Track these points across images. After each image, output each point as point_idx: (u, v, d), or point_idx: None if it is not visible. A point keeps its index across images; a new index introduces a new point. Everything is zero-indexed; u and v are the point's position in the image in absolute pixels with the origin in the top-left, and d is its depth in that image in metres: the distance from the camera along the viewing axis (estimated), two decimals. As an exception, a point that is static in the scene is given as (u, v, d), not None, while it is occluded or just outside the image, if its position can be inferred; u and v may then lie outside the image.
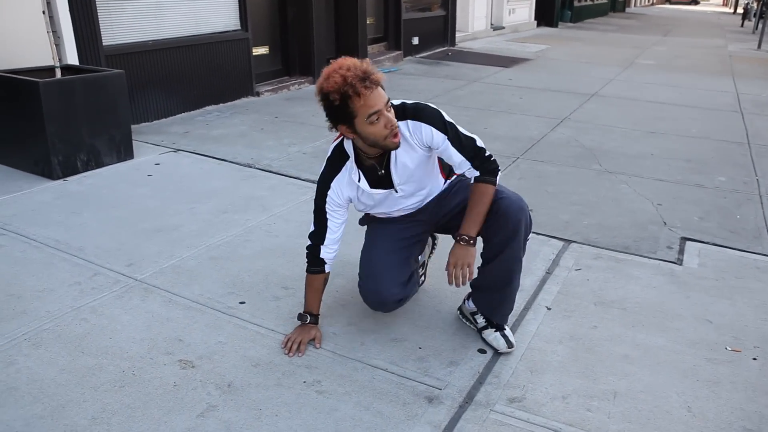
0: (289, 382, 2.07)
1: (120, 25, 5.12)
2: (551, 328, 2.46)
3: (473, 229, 2.12)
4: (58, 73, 3.99)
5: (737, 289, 2.83)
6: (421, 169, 2.20)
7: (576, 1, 20.19)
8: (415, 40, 10.05)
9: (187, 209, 3.47)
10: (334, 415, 1.92)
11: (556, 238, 3.30)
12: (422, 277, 2.71)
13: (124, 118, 4.19)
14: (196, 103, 5.88)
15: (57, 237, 3.04)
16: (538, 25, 17.02)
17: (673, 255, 3.15)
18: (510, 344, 2.27)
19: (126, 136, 4.23)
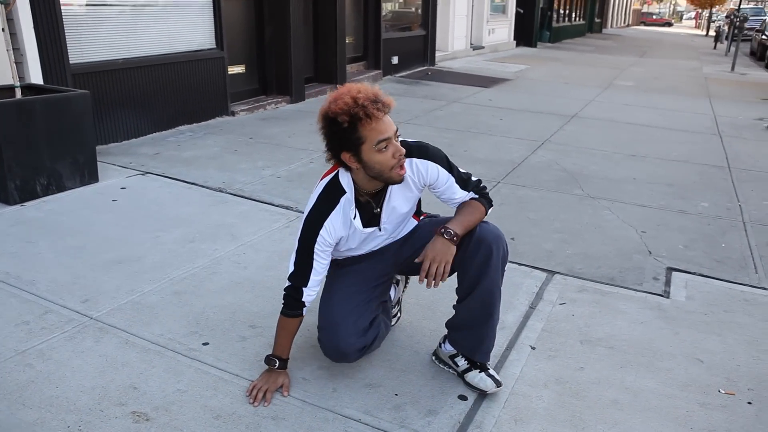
0: (253, 436, 1.89)
1: (89, 43, 4.94)
2: (536, 369, 2.31)
3: (459, 228, 2.00)
4: (18, 93, 3.79)
5: (726, 324, 2.71)
6: (408, 209, 2.12)
7: (555, 21, 20.42)
8: (395, 60, 9.99)
9: (152, 238, 3.28)
10: (302, 476, 1.75)
11: (539, 269, 3.17)
12: (398, 314, 2.55)
13: (89, 139, 4.00)
14: (168, 123, 5.70)
15: (7, 269, 2.83)
16: (518, 44, 17.13)
17: (659, 287, 3.04)
18: (498, 383, 2.13)
19: (90, 159, 4.03)
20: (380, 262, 2.20)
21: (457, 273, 2.09)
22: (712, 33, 29.01)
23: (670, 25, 55.30)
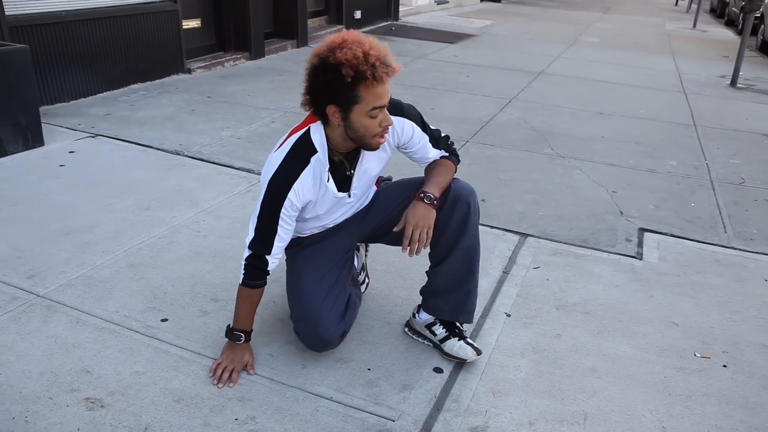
0: (218, 420, 1.77)
1: (26, -7, 4.55)
2: (512, 338, 2.24)
3: (437, 190, 1.92)
4: (-52, 49, 3.47)
5: (699, 285, 2.69)
6: (378, 171, 1.99)
7: (518, -25, 20.03)
8: (358, 14, 9.65)
9: (104, 206, 3.07)
10: (271, 461, 1.65)
11: (511, 232, 3.09)
12: (365, 281, 2.44)
13: (31, 99, 3.71)
14: (119, 81, 5.36)
15: (-56, 243, 2.62)
16: (482, -1, 16.80)
17: (632, 248, 3.00)
18: (478, 351, 2.06)
19: (34, 120, 3.75)
20: (344, 236, 2.07)
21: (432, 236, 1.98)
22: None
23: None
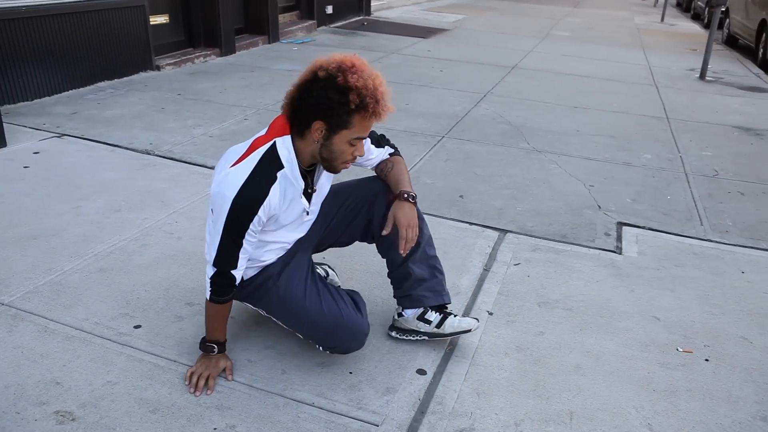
0: (196, 430, 1.71)
1: (-15, -12, 4.38)
2: (495, 336, 2.22)
3: (410, 188, 1.99)
4: None
5: (679, 279, 2.70)
6: (327, 190, 2.00)
7: (489, -30, 20.09)
8: (329, 9, 9.54)
9: (72, 209, 2.96)
10: (252, 472, 1.59)
11: (490, 228, 3.07)
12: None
13: (-8, 99, 3.57)
14: (86, 79, 5.21)
15: None
16: (453, -6, 16.78)
17: (611, 243, 3.00)
18: (477, 319, 2.12)
19: (-5, 121, 3.61)
20: (303, 253, 2.02)
21: (381, 244, 2.07)
22: (641, -17, 29.43)
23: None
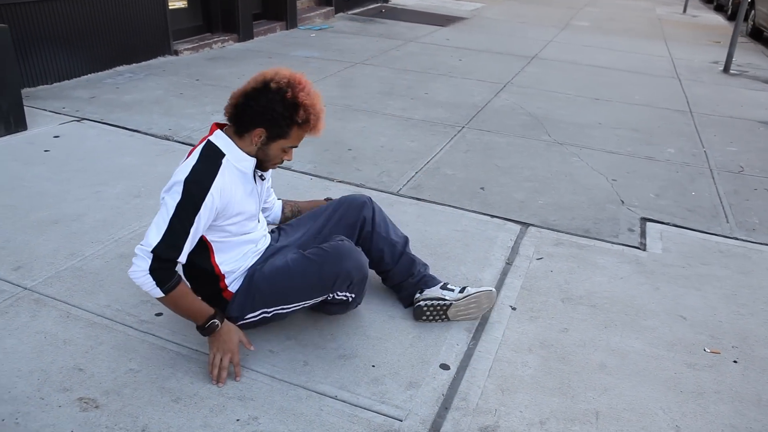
0: (219, 420, 1.70)
1: (6, -30, 4.36)
2: (518, 333, 2.19)
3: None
4: (-75, 28, 3.31)
5: (705, 277, 2.65)
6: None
7: (508, -42, 19.82)
8: (347, -5, 9.47)
9: (92, 193, 2.96)
10: (276, 464, 1.58)
11: (512, 221, 3.03)
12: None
13: (12, 81, 3.57)
14: (105, 63, 5.20)
15: (-76, 233, 2.50)
16: (471, -18, 16.59)
17: (635, 239, 2.95)
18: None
19: (16, 104, 3.61)
20: (291, 248, 2.09)
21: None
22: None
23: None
